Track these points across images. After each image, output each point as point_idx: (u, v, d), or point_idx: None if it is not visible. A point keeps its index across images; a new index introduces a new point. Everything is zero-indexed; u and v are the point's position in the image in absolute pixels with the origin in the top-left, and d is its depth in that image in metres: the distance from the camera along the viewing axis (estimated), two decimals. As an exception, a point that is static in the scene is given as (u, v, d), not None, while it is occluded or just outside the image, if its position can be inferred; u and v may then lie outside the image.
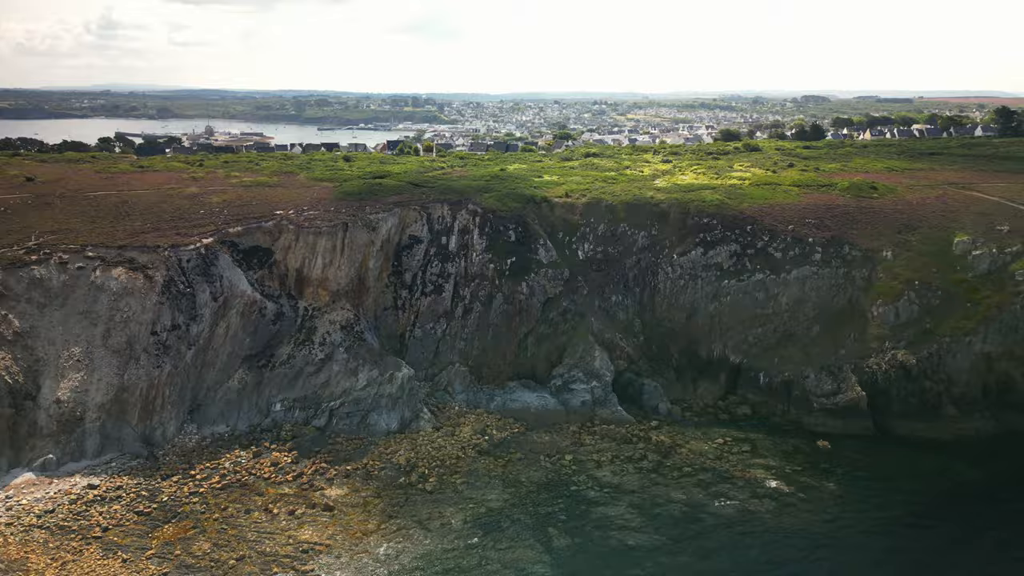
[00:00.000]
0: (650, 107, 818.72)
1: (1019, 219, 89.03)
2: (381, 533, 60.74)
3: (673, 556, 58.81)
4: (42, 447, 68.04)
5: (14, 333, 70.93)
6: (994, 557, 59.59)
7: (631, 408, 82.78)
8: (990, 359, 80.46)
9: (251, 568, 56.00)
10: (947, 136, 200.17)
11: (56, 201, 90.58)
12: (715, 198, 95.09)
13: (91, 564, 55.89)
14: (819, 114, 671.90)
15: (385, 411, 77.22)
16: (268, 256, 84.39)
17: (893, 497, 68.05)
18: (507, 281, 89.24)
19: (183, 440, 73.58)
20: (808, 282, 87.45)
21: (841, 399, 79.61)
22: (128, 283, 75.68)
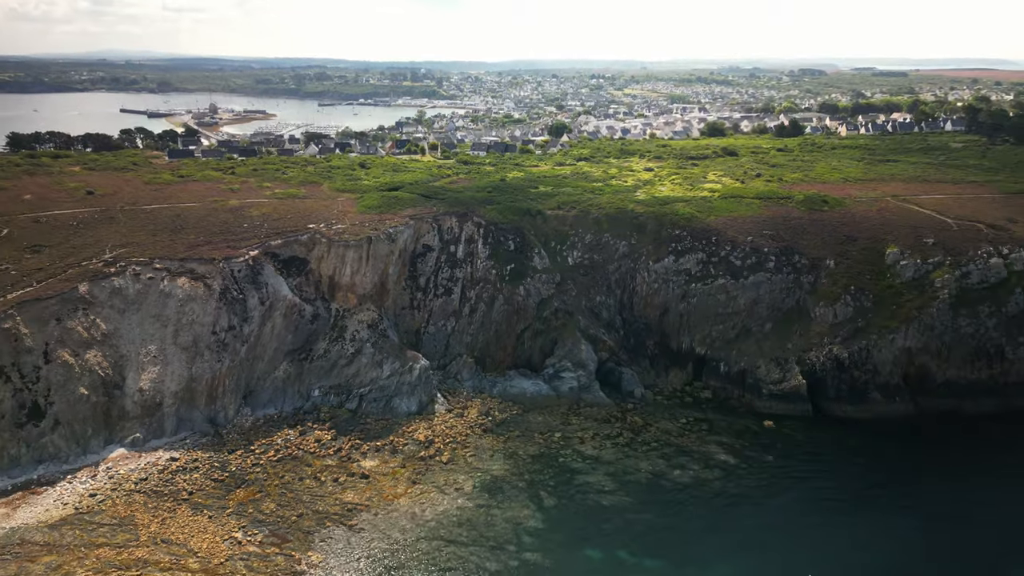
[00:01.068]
0: (647, 81, 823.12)
1: (944, 232, 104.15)
2: (408, 496, 76.90)
3: (638, 514, 75.03)
4: (130, 427, 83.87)
5: (102, 334, 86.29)
6: (899, 511, 75.71)
7: (611, 393, 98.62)
8: (910, 353, 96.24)
9: (309, 523, 72.16)
10: (917, 131, 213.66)
11: (119, 215, 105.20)
12: (687, 211, 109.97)
13: (185, 520, 72.01)
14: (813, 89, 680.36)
15: (406, 396, 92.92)
16: (304, 265, 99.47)
17: (821, 468, 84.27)
18: (507, 285, 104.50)
19: (241, 421, 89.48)
20: (763, 286, 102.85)
21: (786, 386, 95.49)
22: (191, 291, 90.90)
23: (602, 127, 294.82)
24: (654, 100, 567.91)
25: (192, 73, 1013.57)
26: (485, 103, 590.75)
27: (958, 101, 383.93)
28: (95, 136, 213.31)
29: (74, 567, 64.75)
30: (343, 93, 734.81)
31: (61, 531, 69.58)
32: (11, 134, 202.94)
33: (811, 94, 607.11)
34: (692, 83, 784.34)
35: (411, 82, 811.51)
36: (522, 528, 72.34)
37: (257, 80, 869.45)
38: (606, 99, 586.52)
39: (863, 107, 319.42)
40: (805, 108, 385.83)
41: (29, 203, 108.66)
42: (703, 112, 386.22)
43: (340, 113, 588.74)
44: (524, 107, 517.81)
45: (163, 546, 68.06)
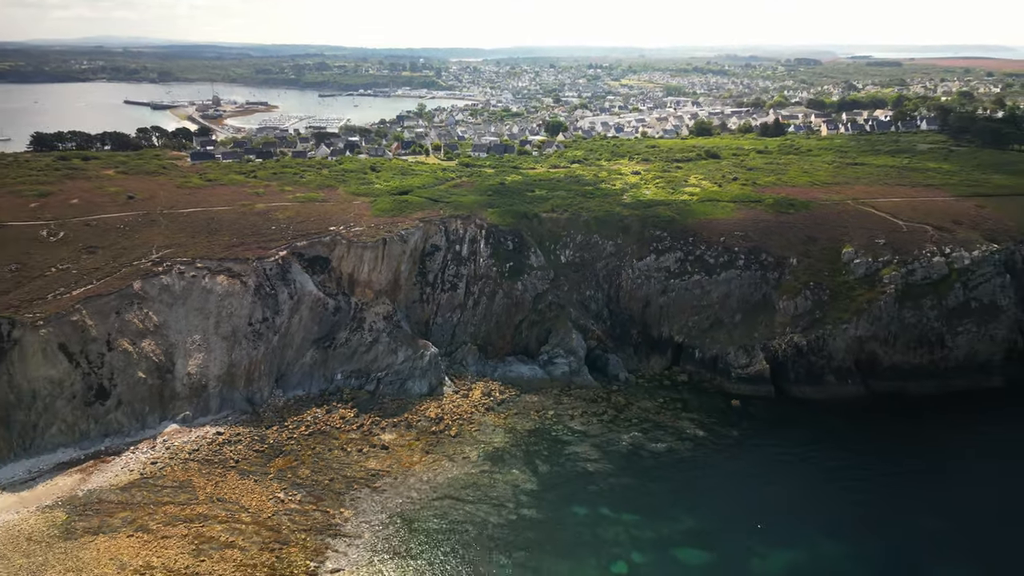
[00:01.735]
0: (644, 71, 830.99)
1: (894, 233, 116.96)
2: (422, 464, 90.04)
3: (618, 478, 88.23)
4: (180, 406, 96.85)
5: (154, 326, 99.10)
6: (844, 475, 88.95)
7: (599, 376, 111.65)
8: (861, 341, 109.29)
9: (339, 486, 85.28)
10: (893, 130, 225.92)
11: (160, 219, 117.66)
12: (668, 214, 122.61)
13: (234, 483, 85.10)
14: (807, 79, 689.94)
15: (418, 379, 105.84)
16: (327, 264, 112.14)
17: (778, 440, 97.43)
18: (506, 280, 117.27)
19: (274, 400, 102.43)
20: (733, 282, 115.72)
21: (752, 370, 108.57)
22: (229, 287, 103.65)
23: (597, 123, 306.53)
24: (650, 91, 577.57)
25: (191, 62, 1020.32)
26: (484, 94, 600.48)
27: (944, 96, 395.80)
28: (113, 135, 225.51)
29: (146, 520, 77.92)
30: (343, 83, 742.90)
31: (131, 492, 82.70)
32: (35, 134, 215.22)
33: (805, 84, 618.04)
34: (688, 73, 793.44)
35: (410, 72, 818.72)
36: (520, 489, 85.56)
37: (257, 70, 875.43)
38: (603, 90, 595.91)
39: (849, 103, 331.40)
40: (795, 102, 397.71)
41: (78, 207, 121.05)
42: (696, 106, 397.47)
43: (341, 104, 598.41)
44: (522, 98, 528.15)
45: (219, 504, 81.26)
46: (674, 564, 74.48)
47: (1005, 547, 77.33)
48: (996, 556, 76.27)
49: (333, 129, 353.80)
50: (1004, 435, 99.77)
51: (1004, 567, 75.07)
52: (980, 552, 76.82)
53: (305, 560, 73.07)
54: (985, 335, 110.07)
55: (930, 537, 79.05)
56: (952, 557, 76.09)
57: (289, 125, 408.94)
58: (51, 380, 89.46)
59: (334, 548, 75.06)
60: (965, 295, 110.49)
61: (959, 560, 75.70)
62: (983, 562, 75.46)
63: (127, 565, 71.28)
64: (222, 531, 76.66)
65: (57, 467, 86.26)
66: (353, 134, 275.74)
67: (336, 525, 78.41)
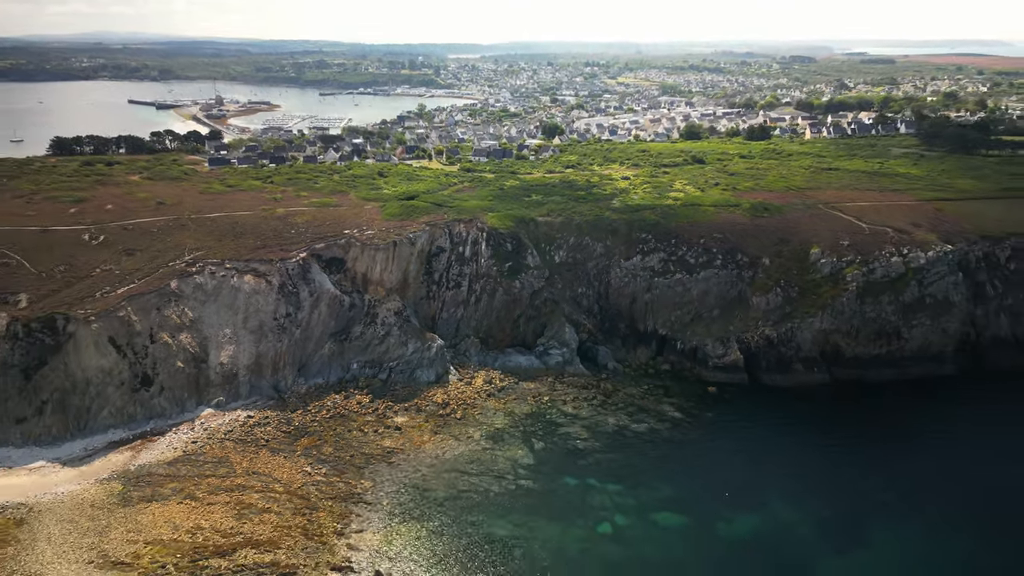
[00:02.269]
0: (640, 69, 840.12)
1: (858, 235, 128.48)
2: (432, 442, 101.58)
3: (605, 454, 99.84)
4: (214, 392, 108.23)
5: (189, 321, 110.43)
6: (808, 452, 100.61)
7: (589, 366, 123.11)
8: (826, 333, 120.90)
9: (359, 461, 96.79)
10: (873, 133, 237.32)
11: (189, 223, 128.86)
12: (653, 218, 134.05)
13: (266, 459, 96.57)
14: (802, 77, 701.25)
15: (426, 368, 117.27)
16: (342, 264, 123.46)
17: (749, 422, 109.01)
18: (505, 279, 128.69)
19: (297, 388, 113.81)
20: (712, 280, 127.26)
21: (727, 360, 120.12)
22: (256, 286, 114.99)
23: (592, 125, 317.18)
24: (646, 90, 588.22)
25: (191, 59, 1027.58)
26: (482, 92, 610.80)
27: (931, 96, 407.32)
28: (128, 138, 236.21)
29: (192, 490, 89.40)
30: (342, 81, 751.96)
31: (176, 467, 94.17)
32: (55, 138, 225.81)
33: (799, 83, 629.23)
34: (684, 71, 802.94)
35: (409, 70, 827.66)
36: (517, 464, 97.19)
37: (257, 68, 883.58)
38: (600, 88, 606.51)
39: (836, 105, 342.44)
40: (786, 102, 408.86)
41: (113, 212, 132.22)
42: (689, 107, 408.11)
43: (342, 103, 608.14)
44: (520, 97, 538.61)
45: (254, 476, 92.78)
46: (652, 526, 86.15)
47: (942, 512, 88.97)
48: (933, 520, 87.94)
49: (336, 130, 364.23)
50: (954, 418, 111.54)
51: (939, 528, 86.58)
52: (920, 517, 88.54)
53: (332, 522, 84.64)
54: (938, 328, 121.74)
55: (877, 505, 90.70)
56: (894, 521, 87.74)
57: (292, 125, 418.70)
58: (102, 369, 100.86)
59: (357, 513, 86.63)
60: (920, 292, 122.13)
61: (900, 523, 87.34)
62: (922, 525, 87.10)
63: (180, 527, 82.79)
64: (259, 499, 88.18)
65: (109, 445, 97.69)
66: (357, 136, 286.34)
67: (358, 494, 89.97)
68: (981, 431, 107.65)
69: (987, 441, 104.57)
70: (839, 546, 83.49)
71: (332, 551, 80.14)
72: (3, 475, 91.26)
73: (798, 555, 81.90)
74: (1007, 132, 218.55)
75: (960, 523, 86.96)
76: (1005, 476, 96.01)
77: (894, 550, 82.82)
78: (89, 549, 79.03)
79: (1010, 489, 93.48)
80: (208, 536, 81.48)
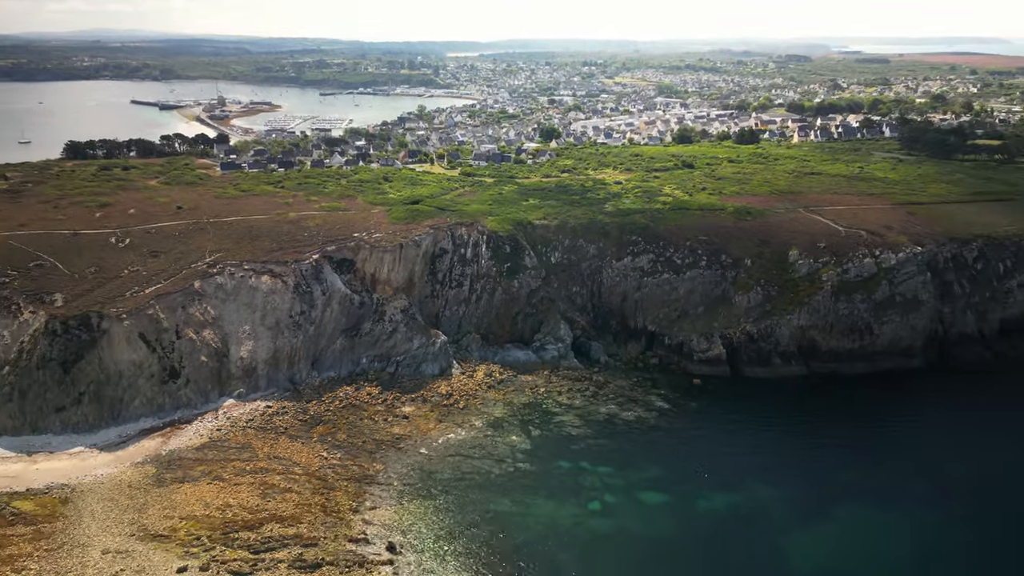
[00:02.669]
0: (637, 68, 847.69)
1: (834, 237, 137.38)
2: (437, 430, 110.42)
3: (596, 440, 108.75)
4: (235, 385, 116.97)
5: (212, 318, 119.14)
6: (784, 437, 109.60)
7: (582, 360, 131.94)
8: (803, 329, 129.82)
9: (371, 446, 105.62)
10: (859, 137, 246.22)
11: (208, 227, 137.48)
12: (643, 221, 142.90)
13: (286, 445, 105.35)
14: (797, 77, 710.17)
15: (431, 362, 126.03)
16: (352, 265, 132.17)
17: (731, 410, 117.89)
18: (504, 279, 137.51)
19: (311, 380, 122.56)
20: (697, 279, 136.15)
21: (711, 354, 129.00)
22: (272, 286, 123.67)
23: (589, 127, 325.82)
24: (643, 90, 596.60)
25: (191, 59, 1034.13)
26: (481, 93, 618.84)
27: (920, 97, 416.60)
28: (138, 142, 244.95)
29: (219, 472, 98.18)
30: (342, 81, 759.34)
31: (204, 452, 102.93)
32: (69, 142, 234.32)
33: (794, 83, 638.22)
34: (681, 71, 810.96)
35: (408, 70, 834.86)
36: (516, 449, 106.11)
37: (257, 67, 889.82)
38: (597, 88, 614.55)
39: (826, 108, 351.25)
40: (778, 103, 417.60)
41: (136, 217, 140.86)
42: (684, 108, 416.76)
43: (342, 104, 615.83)
44: (518, 97, 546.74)
45: (275, 460, 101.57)
46: (637, 503, 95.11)
47: (900, 491, 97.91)
48: (891, 497, 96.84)
49: (338, 131, 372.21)
50: (920, 408, 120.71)
51: (896, 505, 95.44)
52: (879, 495, 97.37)
53: (348, 501, 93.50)
54: (907, 325, 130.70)
55: (843, 484, 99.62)
56: (857, 498, 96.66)
57: (295, 126, 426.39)
58: (133, 362, 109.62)
59: (370, 492, 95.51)
60: (891, 290, 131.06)
61: (862, 501, 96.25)
62: (881, 501, 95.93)
63: (211, 504, 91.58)
64: (281, 480, 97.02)
65: (141, 432, 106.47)
66: (359, 138, 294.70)
67: (370, 475, 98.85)
68: (945, 420, 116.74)
69: (949, 429, 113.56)
70: (805, 520, 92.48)
71: (349, 525, 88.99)
72: (46, 459, 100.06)
73: (768, 527, 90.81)
74: (986, 136, 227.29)
75: (916, 501, 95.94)
76: (964, 460, 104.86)
77: (854, 523, 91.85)
78: (130, 524, 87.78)
79: (967, 472, 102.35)
80: (236, 512, 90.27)
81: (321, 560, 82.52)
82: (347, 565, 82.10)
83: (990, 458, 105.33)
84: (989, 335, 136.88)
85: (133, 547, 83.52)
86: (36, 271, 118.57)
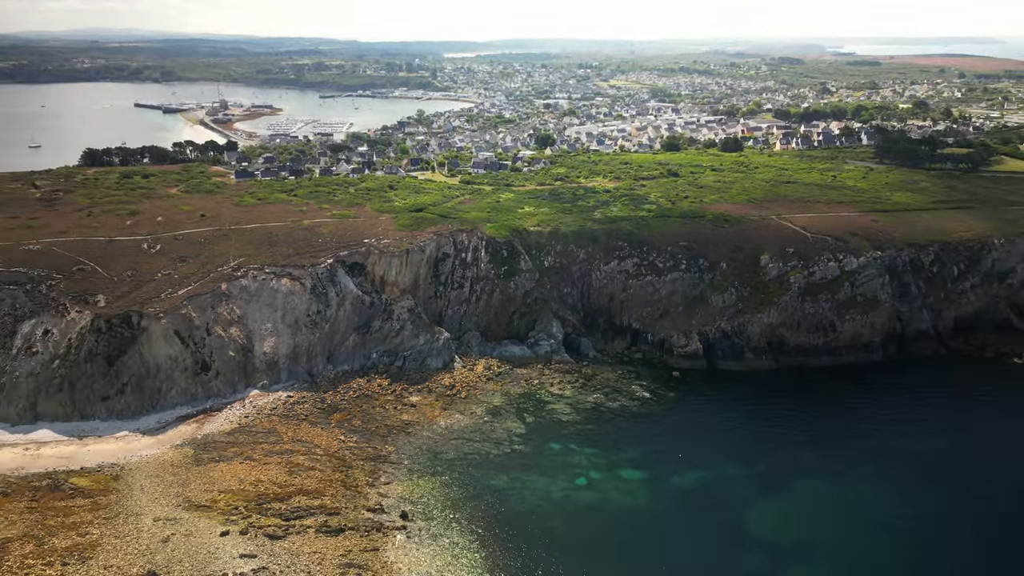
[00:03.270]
0: (632, 71, 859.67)
1: (802, 243, 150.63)
2: (441, 417, 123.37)
3: (584, 426, 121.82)
4: (259, 377, 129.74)
5: (237, 317, 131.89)
6: (751, 423, 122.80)
7: (573, 354, 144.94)
8: (773, 327, 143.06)
9: (383, 431, 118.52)
10: (837, 145, 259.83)
11: (230, 234, 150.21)
12: (628, 228, 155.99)
13: (307, 430, 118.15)
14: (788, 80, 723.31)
15: (435, 357, 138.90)
16: (363, 269, 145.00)
17: (705, 399, 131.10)
18: (502, 281, 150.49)
19: (327, 373, 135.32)
20: (677, 281, 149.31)
21: (689, 349, 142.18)
22: (291, 287, 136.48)
23: (582, 133, 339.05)
24: (636, 93, 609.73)
25: (191, 60, 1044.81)
26: (478, 95, 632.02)
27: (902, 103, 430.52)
28: (151, 149, 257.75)
29: (250, 453, 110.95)
30: (341, 84, 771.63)
31: (234, 436, 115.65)
32: (87, 150, 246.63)
33: (785, 85, 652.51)
34: (675, 73, 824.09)
35: (406, 73, 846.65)
36: (512, 433, 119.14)
37: (257, 69, 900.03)
38: (592, 91, 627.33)
39: (811, 114, 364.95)
40: (767, 108, 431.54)
41: (164, 224, 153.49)
42: (675, 114, 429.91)
43: (342, 107, 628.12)
44: (514, 100, 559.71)
45: (298, 443, 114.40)
46: (619, 479, 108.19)
47: (851, 469, 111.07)
48: (843, 474, 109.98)
49: (340, 135, 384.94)
50: (879, 398, 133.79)
51: (847, 481, 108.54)
52: (834, 472, 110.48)
53: (365, 477, 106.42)
54: (867, 322, 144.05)
55: (803, 463, 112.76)
56: (814, 475, 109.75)
57: (296, 131, 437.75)
58: (170, 357, 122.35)
59: (384, 470, 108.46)
60: (852, 291, 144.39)
61: (818, 477, 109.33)
62: (836, 479, 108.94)
63: (244, 480, 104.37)
64: (304, 459, 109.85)
65: (178, 419, 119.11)
66: (361, 144, 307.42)
67: (383, 456, 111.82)
68: (899, 408, 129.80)
69: (902, 416, 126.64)
70: (767, 493, 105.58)
71: (366, 498, 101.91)
72: (95, 442, 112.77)
73: (734, 499, 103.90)
74: (957, 144, 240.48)
75: (865, 476, 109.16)
76: (912, 441, 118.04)
77: (809, 495, 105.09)
78: (175, 496, 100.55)
79: (913, 452, 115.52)
80: (267, 487, 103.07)
81: (344, 526, 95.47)
82: (366, 530, 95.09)
83: (935, 440, 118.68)
84: (944, 332, 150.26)
85: (180, 515, 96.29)
86: (79, 274, 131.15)
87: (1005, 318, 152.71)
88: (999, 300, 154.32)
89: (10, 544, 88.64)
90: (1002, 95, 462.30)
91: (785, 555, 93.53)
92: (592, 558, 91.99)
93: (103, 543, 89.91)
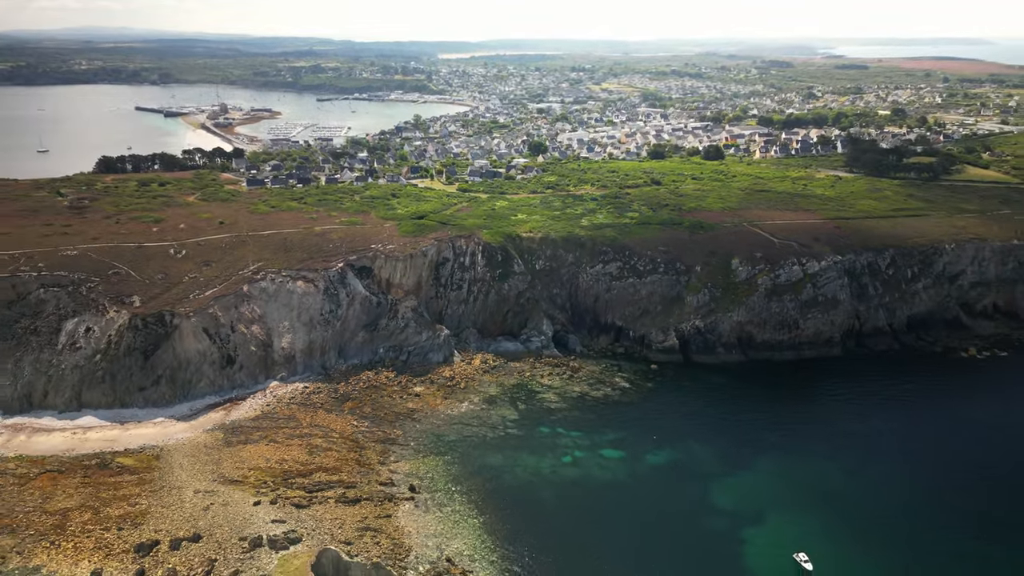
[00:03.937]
0: (624, 74, 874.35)
1: (769, 248, 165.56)
2: (443, 405, 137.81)
3: (570, 412, 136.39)
4: (278, 370, 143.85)
5: (258, 316, 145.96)
6: (721, 410, 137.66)
7: (561, 349, 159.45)
8: (742, 324, 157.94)
9: (391, 417, 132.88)
10: (813, 153, 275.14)
11: (248, 240, 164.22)
12: (612, 234, 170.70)
13: (324, 416, 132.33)
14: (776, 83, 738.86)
15: (436, 352, 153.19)
16: (370, 272, 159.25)
17: (680, 389, 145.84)
18: (497, 282, 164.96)
19: (339, 366, 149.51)
20: (656, 283, 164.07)
21: (666, 344, 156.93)
22: (306, 289, 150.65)
23: (574, 140, 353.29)
24: (628, 96, 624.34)
25: (187, 61, 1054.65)
26: (473, 99, 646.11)
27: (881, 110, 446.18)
28: (161, 156, 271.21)
29: (273, 436, 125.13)
30: (338, 86, 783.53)
31: (258, 422, 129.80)
32: (102, 157, 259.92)
33: (774, 89, 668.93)
34: (667, 76, 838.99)
35: (402, 76, 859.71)
36: (506, 419, 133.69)
37: (254, 72, 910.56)
38: (584, 95, 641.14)
39: (792, 122, 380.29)
40: (752, 114, 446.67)
41: (187, 231, 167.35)
42: (664, 120, 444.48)
43: (339, 110, 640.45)
44: (509, 104, 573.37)
45: (316, 428, 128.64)
46: (600, 458, 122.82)
47: (809, 449, 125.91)
48: (803, 454, 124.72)
49: (339, 139, 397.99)
50: (838, 387, 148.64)
51: (806, 459, 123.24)
52: (793, 451, 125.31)
53: (376, 456, 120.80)
54: (828, 320, 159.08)
55: (767, 444, 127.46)
56: (776, 454, 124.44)
57: (296, 135, 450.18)
58: (199, 352, 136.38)
59: (393, 451, 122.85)
60: (814, 292, 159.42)
61: (780, 456, 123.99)
62: (795, 456, 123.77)
63: (270, 459, 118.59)
64: (322, 442, 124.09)
65: (207, 407, 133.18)
66: (361, 149, 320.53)
67: (392, 438, 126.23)
68: (854, 395, 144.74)
69: (857, 402, 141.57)
70: (731, 469, 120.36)
71: (378, 473, 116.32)
72: (135, 427, 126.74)
73: (702, 474, 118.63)
74: (925, 152, 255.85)
75: (819, 454, 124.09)
76: (863, 422, 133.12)
77: (769, 470, 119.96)
78: (211, 472, 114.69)
79: (863, 432, 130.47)
80: (291, 465, 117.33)
81: (360, 497, 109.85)
82: (380, 500, 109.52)
83: (885, 422, 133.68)
84: (898, 329, 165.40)
85: (216, 488, 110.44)
86: (114, 277, 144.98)
87: (955, 316, 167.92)
88: (950, 300, 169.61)
89: (71, 513, 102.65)
90: (980, 101, 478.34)
91: (744, 520, 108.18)
92: (576, 524, 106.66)
93: (152, 511, 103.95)
